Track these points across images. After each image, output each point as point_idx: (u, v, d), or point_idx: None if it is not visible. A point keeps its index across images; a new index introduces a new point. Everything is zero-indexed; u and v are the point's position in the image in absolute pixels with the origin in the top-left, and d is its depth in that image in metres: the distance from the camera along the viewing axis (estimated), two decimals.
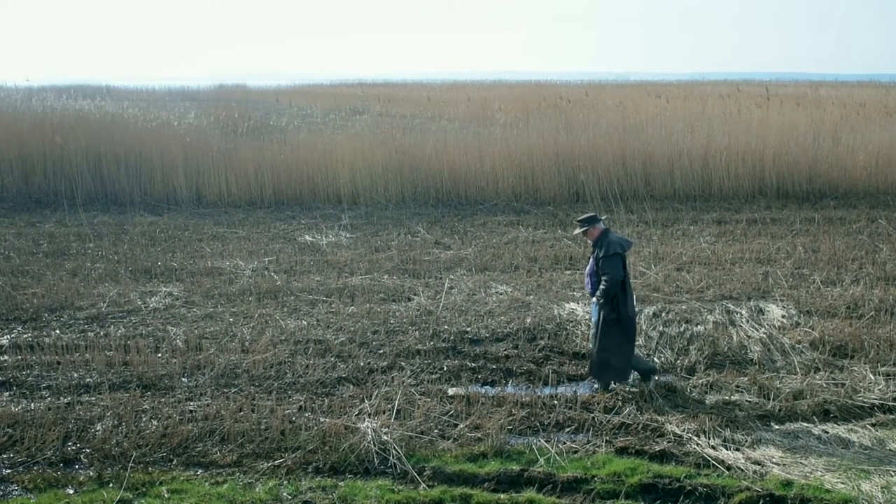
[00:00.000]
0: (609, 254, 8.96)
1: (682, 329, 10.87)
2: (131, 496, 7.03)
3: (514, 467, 7.40)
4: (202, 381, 9.41)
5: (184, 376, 9.58)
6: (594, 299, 9.20)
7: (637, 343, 10.29)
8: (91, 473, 7.43)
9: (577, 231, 9.71)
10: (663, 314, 11.46)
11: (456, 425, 8.24)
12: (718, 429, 8.12)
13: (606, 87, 48.76)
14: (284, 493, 7.02)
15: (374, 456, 7.58)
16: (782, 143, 21.76)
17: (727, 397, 8.88)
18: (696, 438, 7.93)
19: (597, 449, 7.78)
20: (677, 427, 8.16)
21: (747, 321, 11.12)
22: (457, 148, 21.82)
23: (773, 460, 7.54)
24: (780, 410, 8.59)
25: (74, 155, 21.48)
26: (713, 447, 7.78)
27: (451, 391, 9.09)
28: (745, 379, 9.33)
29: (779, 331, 10.80)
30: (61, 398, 8.99)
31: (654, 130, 22.98)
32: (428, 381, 9.36)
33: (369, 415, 8.35)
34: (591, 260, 9.30)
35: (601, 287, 8.99)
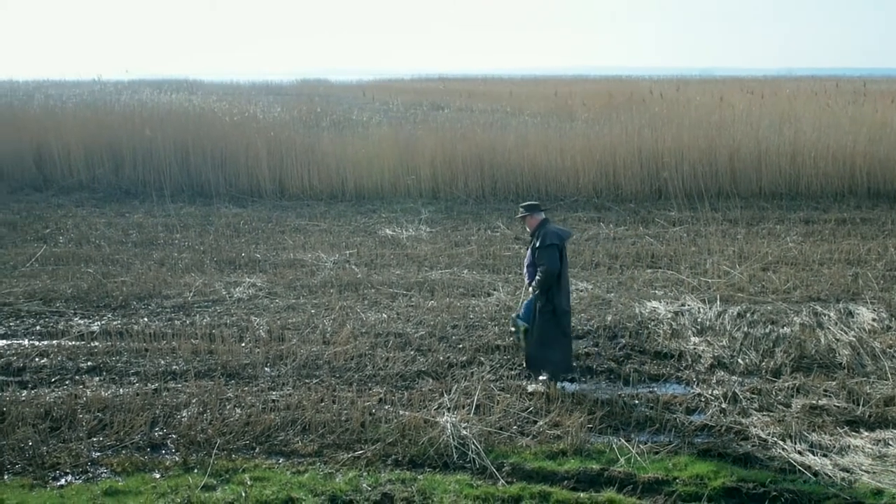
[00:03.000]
0: (546, 244, 8.86)
1: (767, 330, 10.62)
2: (215, 482, 7.17)
3: (593, 466, 7.33)
4: (284, 371, 9.55)
5: (267, 366, 9.74)
6: (529, 289, 9.10)
7: (721, 344, 10.13)
8: (177, 459, 7.60)
9: (518, 216, 9.59)
10: (748, 315, 11.22)
11: (535, 422, 8.20)
12: (805, 433, 7.92)
13: (691, 83, 47.94)
14: (364, 485, 7.08)
15: (453, 450, 7.59)
16: (874, 140, 21.08)
17: (814, 401, 8.64)
18: (781, 443, 7.74)
19: (678, 450, 7.66)
20: (762, 430, 7.98)
21: (836, 324, 10.81)
22: (537, 143, 21.70)
23: (863, 468, 7.31)
24: (869, 416, 8.33)
25: (163, 147, 22.03)
26: (799, 452, 7.58)
27: (530, 387, 9.04)
28: (834, 383, 9.08)
29: (869, 334, 10.48)
30: (149, 384, 9.22)
31: (741, 126, 22.50)
32: (507, 377, 9.34)
33: (448, 409, 8.36)
34: (529, 250, 9.22)
35: (537, 277, 8.89)
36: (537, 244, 8.95)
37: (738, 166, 20.64)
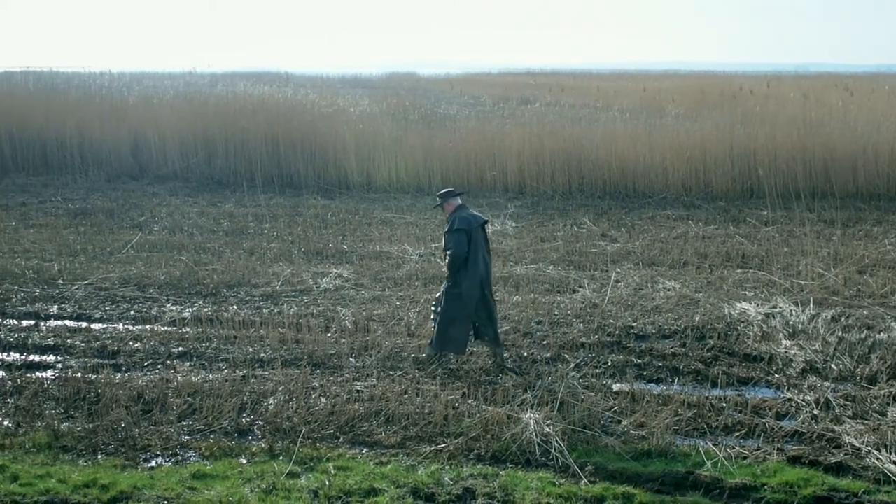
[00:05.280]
0: (453, 229, 9.23)
1: (863, 336, 10.27)
2: (299, 470, 7.26)
3: (679, 469, 7.20)
4: (369, 362, 9.63)
5: (352, 356, 9.84)
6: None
7: (814, 348, 9.85)
8: (263, 445, 7.73)
9: (435, 206, 10.10)
10: (843, 319, 10.87)
11: (620, 422, 8.09)
12: None
13: (785, 79, 46.73)
14: (446, 478, 7.09)
15: (536, 447, 7.53)
16: None
17: None
18: (875, 452, 7.47)
19: (767, 456, 7.46)
20: (855, 439, 7.72)
21: None
22: (626, 139, 21.44)
23: None
24: None
25: (254, 139, 22.45)
26: (895, 462, 7.32)
27: (615, 387, 8.94)
28: None
29: None
30: (237, 371, 9.40)
31: (837, 124, 21.84)
32: (592, 375, 9.23)
33: (532, 406, 8.31)
34: (444, 235, 9.55)
35: (445, 261, 9.32)
36: (446, 229, 9.39)
37: (834, 165, 20.03)
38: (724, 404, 8.49)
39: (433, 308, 9.71)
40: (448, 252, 9.28)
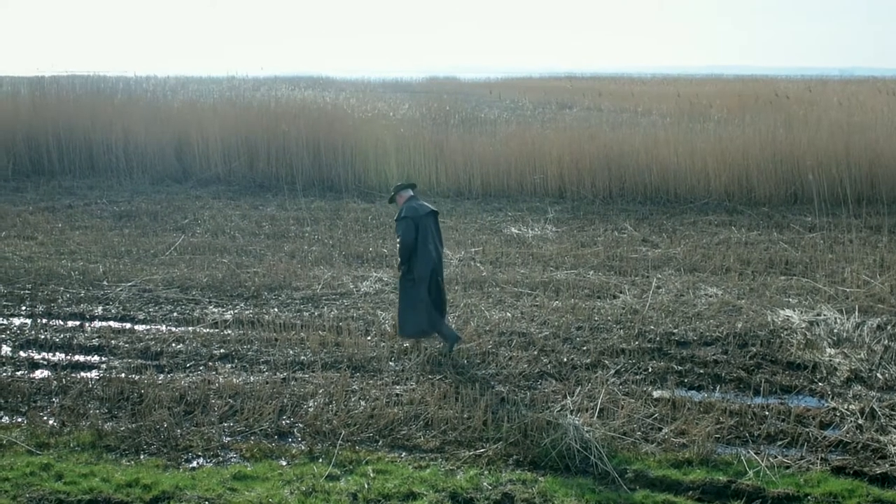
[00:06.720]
0: (400, 217, 9.83)
1: None
2: (339, 472, 7.30)
3: (720, 478, 7.13)
4: (408, 366, 9.65)
5: (391, 360, 9.86)
6: None
7: (859, 356, 9.70)
8: (303, 447, 7.78)
9: (389, 201, 10.78)
10: (889, 327, 10.69)
11: (660, 429, 8.03)
12: None
13: (829, 83, 46.14)
14: (485, 483, 7.08)
15: (576, 454, 7.49)
16: None
17: None
18: None
19: (811, 466, 7.36)
20: None
21: None
22: (667, 144, 21.27)
23: None
24: None
25: (296, 143, 22.63)
26: None
27: (655, 393, 8.87)
28: None
29: None
30: (278, 373, 9.47)
31: (883, 129, 21.50)
32: (632, 382, 9.17)
33: (571, 411, 8.28)
34: None
35: (397, 248, 9.93)
36: (395, 218, 10.00)
37: (880, 171, 19.72)
38: (767, 412, 8.39)
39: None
40: (397, 240, 9.91)
